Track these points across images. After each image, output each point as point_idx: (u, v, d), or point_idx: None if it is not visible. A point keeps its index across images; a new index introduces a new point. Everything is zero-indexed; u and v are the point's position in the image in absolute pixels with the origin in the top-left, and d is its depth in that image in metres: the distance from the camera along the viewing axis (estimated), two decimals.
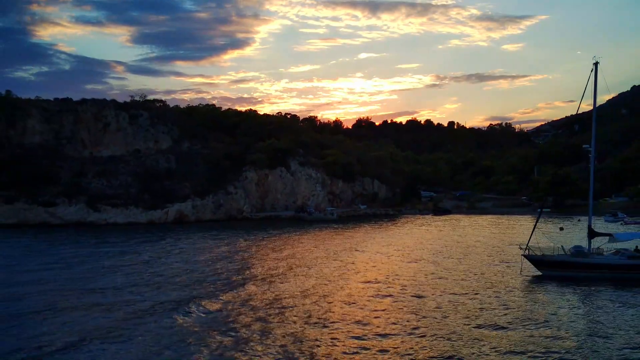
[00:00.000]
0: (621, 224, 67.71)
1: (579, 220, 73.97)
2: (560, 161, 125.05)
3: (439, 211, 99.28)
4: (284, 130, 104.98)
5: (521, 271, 32.79)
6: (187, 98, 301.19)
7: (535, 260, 32.65)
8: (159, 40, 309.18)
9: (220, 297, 27.39)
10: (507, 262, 37.10)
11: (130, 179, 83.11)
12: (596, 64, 32.24)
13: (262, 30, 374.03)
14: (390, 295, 27.39)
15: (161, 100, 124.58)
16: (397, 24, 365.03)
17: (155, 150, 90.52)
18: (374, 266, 37.22)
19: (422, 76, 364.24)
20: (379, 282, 30.97)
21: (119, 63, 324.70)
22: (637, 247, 32.74)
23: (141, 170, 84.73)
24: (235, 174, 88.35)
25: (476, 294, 27.56)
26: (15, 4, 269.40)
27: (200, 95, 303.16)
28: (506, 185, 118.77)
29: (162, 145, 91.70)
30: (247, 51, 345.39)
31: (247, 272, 35.07)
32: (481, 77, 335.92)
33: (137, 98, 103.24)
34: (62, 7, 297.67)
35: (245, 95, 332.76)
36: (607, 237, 32.97)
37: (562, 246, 34.13)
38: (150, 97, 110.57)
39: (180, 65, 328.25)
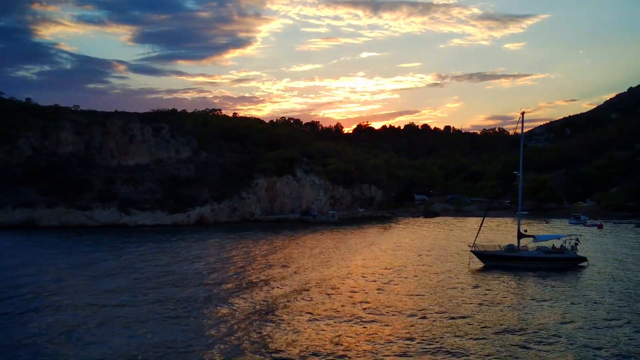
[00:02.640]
0: (581, 225, 78.70)
1: (547, 223, 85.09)
2: (545, 167, 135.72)
3: (429, 214, 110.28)
4: (290, 141, 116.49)
5: (469, 262, 43.85)
6: (189, 97, 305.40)
7: (479, 254, 43.76)
8: (161, 39, 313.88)
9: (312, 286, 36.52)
10: (461, 256, 48.18)
11: (154, 185, 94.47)
12: (523, 113, 43.59)
13: (264, 30, 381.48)
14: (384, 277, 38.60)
15: (176, 111, 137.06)
16: (399, 23, 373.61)
17: (176, 159, 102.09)
18: (377, 258, 48.27)
19: (424, 75, 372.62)
20: (370, 269, 42.12)
21: (121, 62, 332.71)
22: (553, 245, 43.93)
23: (164, 178, 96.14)
24: (247, 181, 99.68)
25: (436, 273, 38.76)
26: (17, 3, 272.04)
27: (201, 95, 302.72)
28: (492, 190, 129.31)
29: (182, 155, 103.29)
30: (249, 50, 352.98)
31: (290, 263, 44.79)
32: (483, 76, 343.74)
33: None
34: (64, 6, 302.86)
35: (247, 95, 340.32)
36: (532, 238, 44.11)
37: (499, 244, 45.33)
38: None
39: (181, 64, 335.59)
